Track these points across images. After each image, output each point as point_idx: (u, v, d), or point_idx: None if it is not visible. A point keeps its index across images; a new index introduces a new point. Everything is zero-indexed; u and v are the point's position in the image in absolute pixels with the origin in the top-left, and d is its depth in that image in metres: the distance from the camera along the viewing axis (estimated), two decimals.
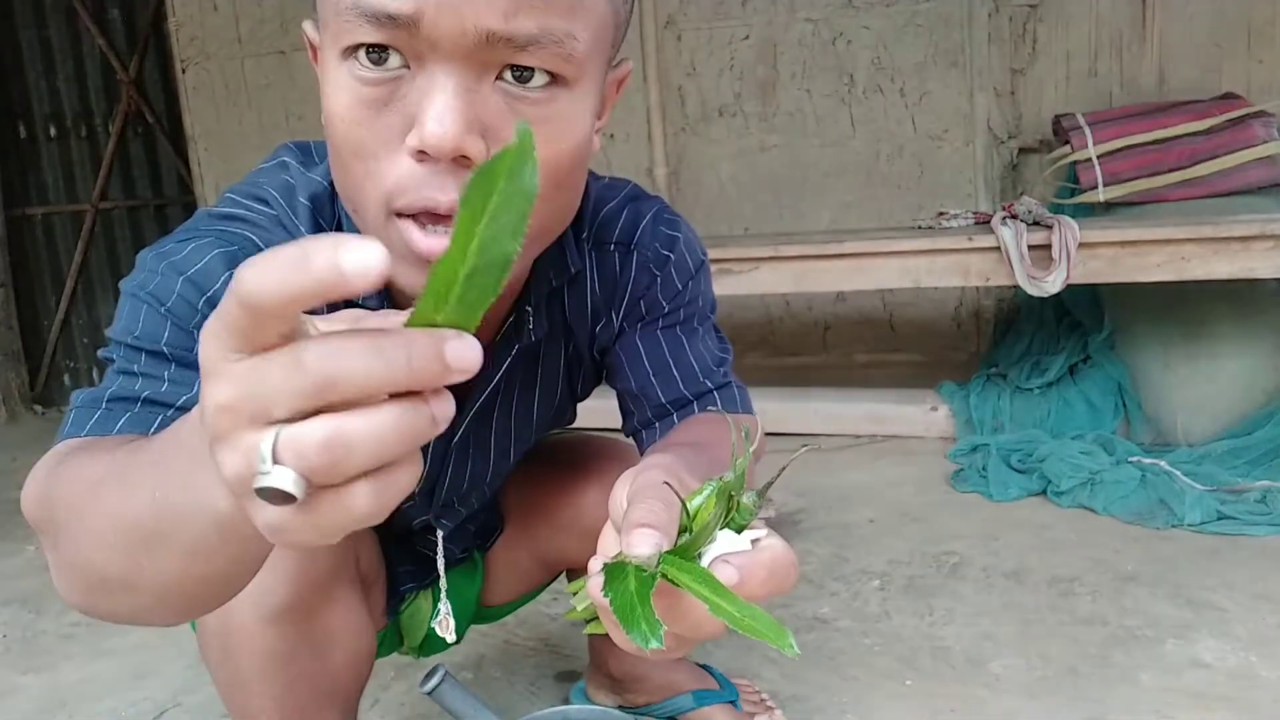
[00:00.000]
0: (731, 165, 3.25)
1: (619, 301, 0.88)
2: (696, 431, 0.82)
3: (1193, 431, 2.37)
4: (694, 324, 0.91)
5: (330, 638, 0.89)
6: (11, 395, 3.88)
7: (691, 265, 0.89)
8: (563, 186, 0.65)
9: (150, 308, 0.68)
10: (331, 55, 0.60)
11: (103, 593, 0.52)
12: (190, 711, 1.44)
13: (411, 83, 0.58)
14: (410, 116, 0.58)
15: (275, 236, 0.73)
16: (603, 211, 0.86)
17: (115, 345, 0.70)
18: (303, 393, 0.33)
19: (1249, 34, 2.78)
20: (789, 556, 0.49)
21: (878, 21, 3.06)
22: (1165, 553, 1.79)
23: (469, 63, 0.57)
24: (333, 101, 0.60)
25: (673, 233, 0.88)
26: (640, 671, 1.26)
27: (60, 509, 0.54)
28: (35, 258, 4.01)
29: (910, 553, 1.85)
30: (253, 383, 0.34)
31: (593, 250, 0.86)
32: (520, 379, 0.90)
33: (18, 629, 1.79)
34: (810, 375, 3.15)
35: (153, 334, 0.68)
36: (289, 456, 0.34)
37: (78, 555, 0.52)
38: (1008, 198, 2.94)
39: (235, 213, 0.76)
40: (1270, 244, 2.12)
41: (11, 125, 3.91)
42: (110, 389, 0.67)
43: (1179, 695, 1.31)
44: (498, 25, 0.55)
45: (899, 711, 1.31)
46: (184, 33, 3.70)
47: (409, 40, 0.56)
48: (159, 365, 0.68)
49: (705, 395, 0.91)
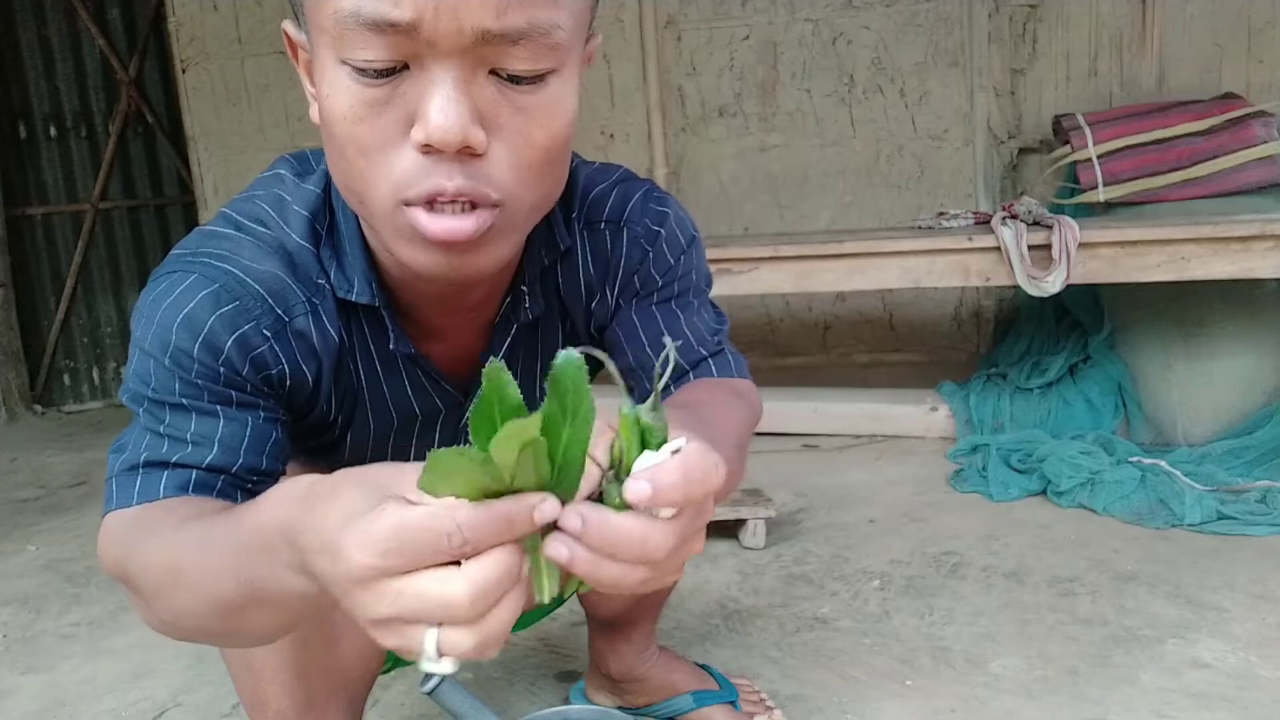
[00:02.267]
0: (731, 165, 3.25)
1: (613, 278, 0.90)
2: (689, 396, 0.84)
3: (1193, 431, 2.37)
4: (689, 297, 0.92)
5: (343, 630, 0.90)
6: (11, 395, 3.87)
7: (683, 240, 0.90)
8: (554, 162, 0.68)
9: (156, 361, 0.73)
10: (328, 58, 0.62)
11: (201, 638, 0.65)
12: (190, 711, 1.44)
13: (410, 80, 0.61)
14: (411, 113, 0.61)
15: (260, 264, 0.76)
16: (593, 192, 0.88)
17: (136, 398, 0.75)
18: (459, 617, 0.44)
19: (1249, 34, 2.78)
20: (706, 455, 0.48)
21: (878, 21, 3.06)
22: (1165, 553, 1.79)
23: (465, 59, 0.60)
24: (332, 102, 0.63)
25: (662, 209, 0.89)
26: (639, 671, 1.27)
27: (145, 586, 0.64)
28: (35, 258, 4.01)
29: (910, 553, 1.85)
30: (418, 607, 0.44)
31: (584, 230, 0.88)
32: (521, 359, 0.91)
33: (18, 629, 1.79)
34: (810, 375, 3.15)
35: (166, 388, 0.73)
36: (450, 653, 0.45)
37: (173, 620, 0.64)
38: (1008, 198, 2.94)
39: (225, 232, 0.78)
40: (1270, 244, 2.12)
41: (11, 125, 3.91)
42: (143, 453, 0.73)
43: (1179, 695, 1.31)
44: (491, 24, 0.58)
45: (899, 711, 1.31)
46: (184, 33, 3.70)
47: (408, 43, 0.59)
48: (180, 421, 0.73)
49: (701, 363, 0.92)
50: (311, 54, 0.66)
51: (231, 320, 0.73)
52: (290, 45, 0.71)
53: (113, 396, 4.14)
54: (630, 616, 1.22)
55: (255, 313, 0.75)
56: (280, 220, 0.78)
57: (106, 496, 0.73)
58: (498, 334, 0.86)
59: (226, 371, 0.74)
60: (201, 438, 0.73)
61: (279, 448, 0.77)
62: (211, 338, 0.73)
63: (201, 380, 0.73)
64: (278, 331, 0.76)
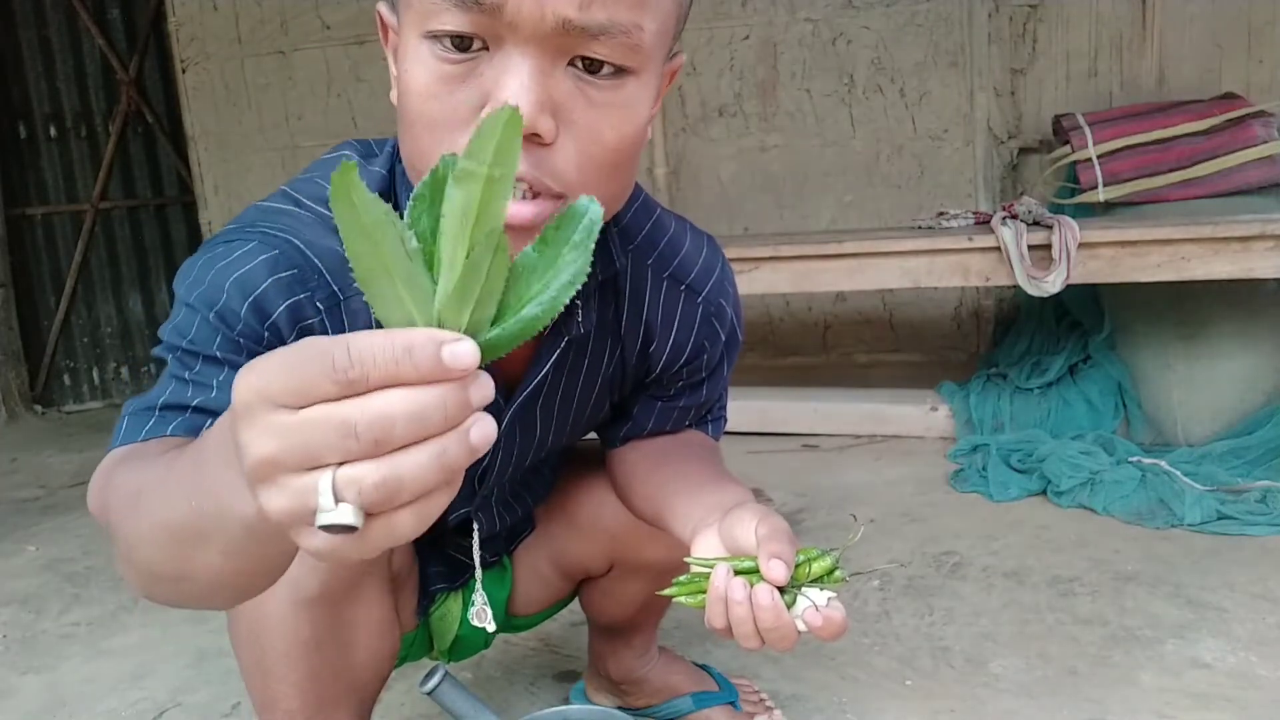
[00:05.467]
0: (731, 165, 3.25)
1: (677, 344, 0.93)
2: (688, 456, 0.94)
3: (1193, 431, 2.37)
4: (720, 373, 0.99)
5: (355, 631, 0.91)
6: (11, 395, 3.87)
7: (739, 337, 0.97)
8: (621, 166, 0.68)
9: (201, 316, 0.72)
10: (412, 35, 0.63)
11: (159, 583, 0.57)
12: (190, 711, 1.44)
13: (488, 62, 0.62)
14: (485, 93, 0.62)
15: (322, 240, 0.75)
16: (684, 248, 0.92)
17: (168, 348, 0.74)
18: (354, 451, 0.38)
19: (1249, 34, 2.78)
20: (847, 622, 0.70)
21: (878, 21, 3.06)
22: (1165, 553, 1.79)
23: (544, 47, 0.61)
24: (410, 77, 0.63)
25: (733, 289, 0.96)
26: (639, 674, 1.26)
27: (114, 514, 0.60)
28: (35, 258, 4.01)
29: (910, 553, 1.85)
30: (304, 438, 0.38)
31: (667, 278, 0.90)
32: (567, 373, 0.91)
33: (18, 629, 1.79)
34: (810, 375, 3.15)
35: (205, 340, 0.71)
36: (349, 495, 0.38)
37: (133, 554, 0.57)
38: (1008, 198, 2.94)
39: (285, 208, 0.78)
40: (1270, 244, 2.12)
41: (11, 125, 3.91)
42: (163, 396, 0.71)
43: (1179, 695, 1.31)
44: (573, 14, 0.59)
45: (899, 711, 1.31)
46: (184, 33, 3.70)
47: (490, 23, 0.60)
48: (211, 371, 0.71)
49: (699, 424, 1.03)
50: (399, 35, 0.67)
51: (288, 287, 0.73)
52: (382, 27, 0.71)
53: (113, 396, 4.14)
54: (632, 622, 1.22)
55: (312, 284, 0.74)
56: None
57: (114, 433, 0.71)
58: (547, 344, 0.85)
59: (270, 336, 0.72)
60: (228, 384, 0.70)
61: None
62: (263, 300, 0.72)
63: (243, 339, 0.72)
64: (330, 307, 0.76)
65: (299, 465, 0.38)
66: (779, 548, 0.70)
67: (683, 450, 0.96)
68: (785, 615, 0.69)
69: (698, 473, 0.90)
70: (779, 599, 0.69)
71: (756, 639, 0.70)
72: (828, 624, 0.69)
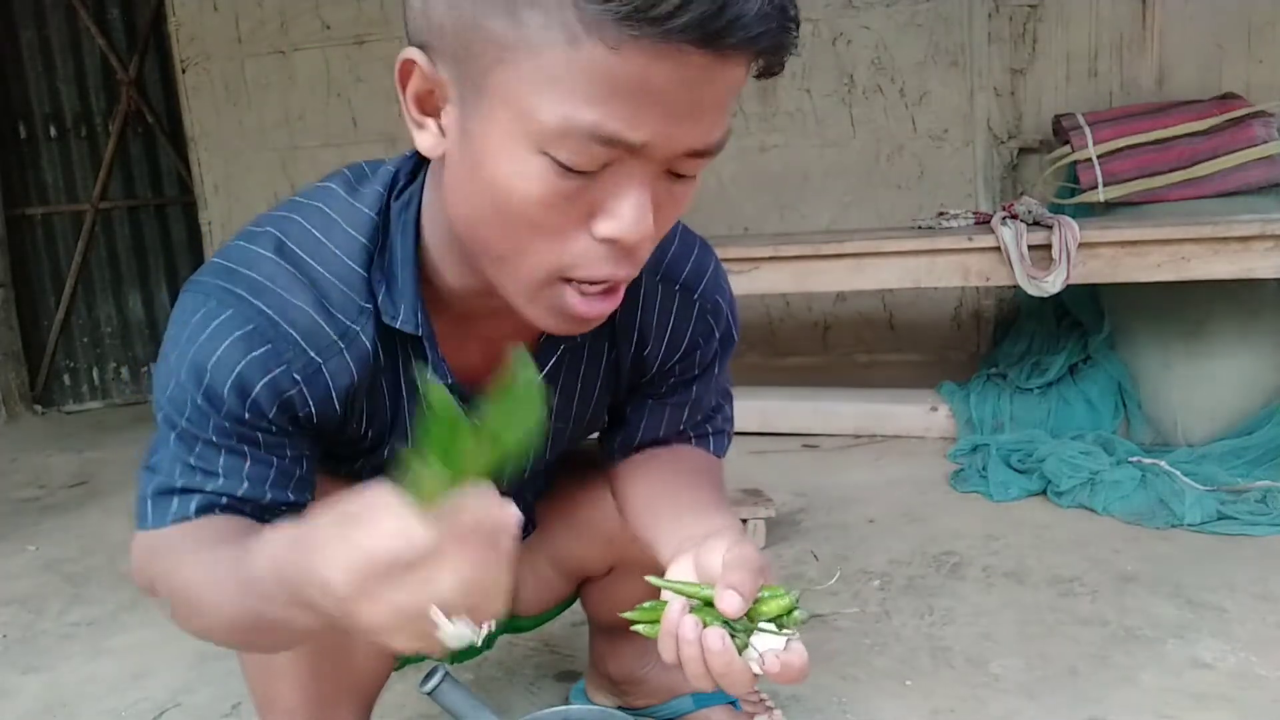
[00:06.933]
0: (731, 165, 3.25)
1: (671, 344, 0.92)
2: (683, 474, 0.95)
3: (1193, 431, 2.37)
4: (712, 371, 0.98)
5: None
6: (11, 395, 3.88)
7: (735, 333, 0.96)
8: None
9: (190, 394, 0.75)
10: (518, 141, 0.61)
11: (220, 643, 0.75)
12: (190, 711, 1.44)
13: (603, 178, 0.62)
14: (595, 203, 0.63)
15: (296, 299, 0.75)
16: (672, 248, 0.90)
17: (169, 421, 0.78)
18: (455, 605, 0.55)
19: (1249, 34, 2.78)
20: (807, 667, 0.69)
21: (878, 21, 3.06)
22: (1165, 553, 1.79)
23: (660, 167, 0.63)
24: (518, 183, 0.62)
25: (727, 285, 0.95)
26: (639, 674, 1.26)
27: (171, 605, 0.74)
28: (35, 258, 4.01)
29: (910, 553, 1.85)
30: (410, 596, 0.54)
31: (660, 281, 0.90)
32: (563, 382, 0.91)
33: (18, 629, 1.79)
34: (810, 375, 3.15)
35: (200, 424, 0.76)
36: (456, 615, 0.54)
37: (195, 629, 0.74)
38: (1008, 198, 2.93)
39: (265, 256, 0.75)
40: (1270, 244, 2.12)
41: (11, 125, 3.91)
42: (176, 480, 0.78)
43: (1179, 695, 1.31)
44: (699, 145, 0.62)
45: (899, 711, 1.31)
46: (184, 33, 3.70)
47: (622, 153, 0.61)
48: (212, 456, 0.78)
49: (689, 439, 1.02)
50: (463, 106, 0.63)
51: (263, 364, 0.74)
52: (405, 72, 0.65)
53: (112, 396, 4.14)
54: None
55: (286, 356, 0.75)
56: (326, 243, 0.76)
57: (140, 514, 0.78)
58: (544, 351, 0.86)
59: (253, 415, 0.76)
60: (230, 471, 0.77)
61: (304, 482, 0.82)
62: (242, 381, 0.74)
63: (230, 422, 0.76)
64: (310, 375, 0.76)
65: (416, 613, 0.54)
66: (738, 578, 0.68)
67: (676, 476, 0.95)
68: (737, 661, 0.68)
69: (689, 499, 0.89)
70: (729, 644, 0.67)
71: (708, 680, 0.69)
72: (785, 670, 0.67)
